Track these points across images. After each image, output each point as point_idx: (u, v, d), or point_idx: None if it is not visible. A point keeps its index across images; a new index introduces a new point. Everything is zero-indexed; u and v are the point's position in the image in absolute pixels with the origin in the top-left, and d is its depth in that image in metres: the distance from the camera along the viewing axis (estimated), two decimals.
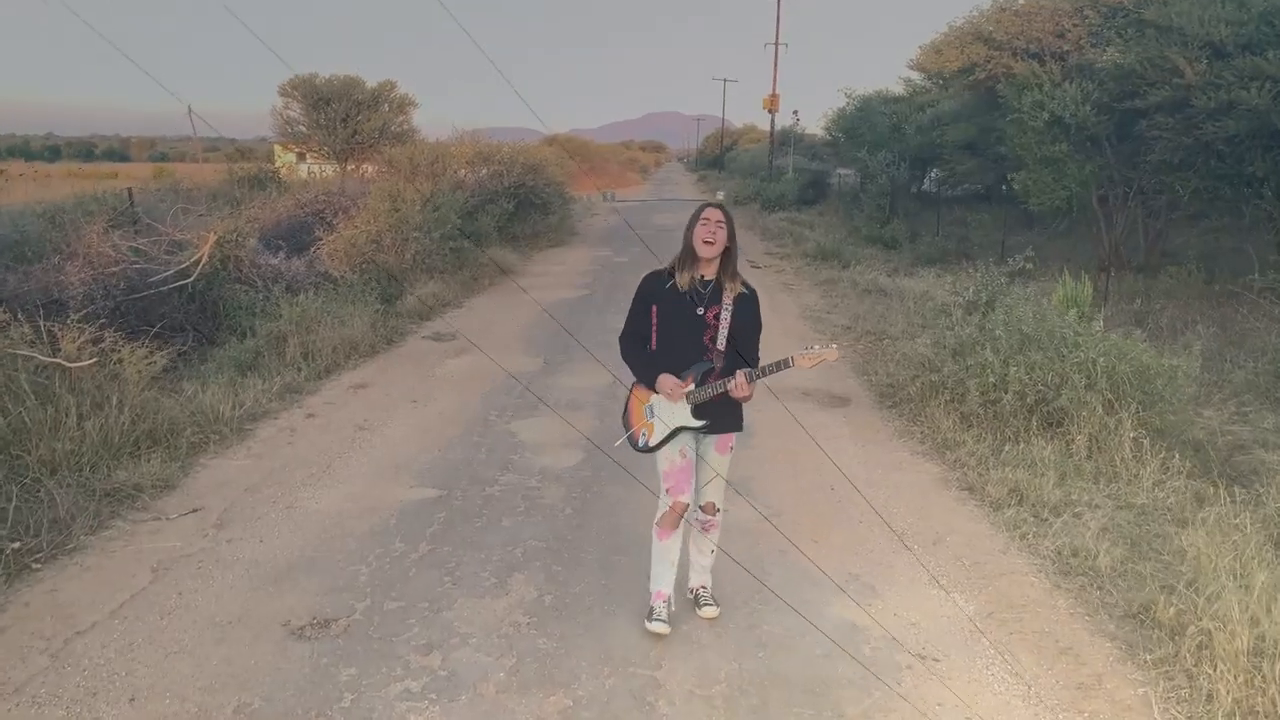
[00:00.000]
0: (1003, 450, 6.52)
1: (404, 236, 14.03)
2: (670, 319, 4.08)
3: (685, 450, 4.17)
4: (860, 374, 9.15)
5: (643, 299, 4.18)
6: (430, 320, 11.91)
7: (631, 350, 4.20)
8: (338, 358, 9.27)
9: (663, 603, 4.33)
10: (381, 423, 7.48)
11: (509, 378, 8.95)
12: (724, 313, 4.02)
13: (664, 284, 4.11)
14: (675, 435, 4.13)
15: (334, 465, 6.49)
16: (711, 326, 4.03)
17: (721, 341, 4.02)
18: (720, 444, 4.23)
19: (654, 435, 4.16)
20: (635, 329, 4.19)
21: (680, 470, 4.18)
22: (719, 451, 4.24)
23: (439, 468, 6.44)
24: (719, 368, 4.04)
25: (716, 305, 4.03)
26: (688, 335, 4.04)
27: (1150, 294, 13.23)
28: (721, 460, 4.25)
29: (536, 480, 6.20)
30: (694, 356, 4.03)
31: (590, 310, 12.89)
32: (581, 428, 7.37)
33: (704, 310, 4.03)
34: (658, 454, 4.22)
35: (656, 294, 4.12)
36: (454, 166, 20.55)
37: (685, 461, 4.18)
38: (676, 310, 4.06)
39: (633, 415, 4.30)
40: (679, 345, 4.06)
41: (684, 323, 4.05)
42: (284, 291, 11.26)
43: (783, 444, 6.99)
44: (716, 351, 4.03)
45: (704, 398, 4.03)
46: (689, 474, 4.20)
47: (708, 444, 4.23)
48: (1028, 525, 5.42)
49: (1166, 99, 13.61)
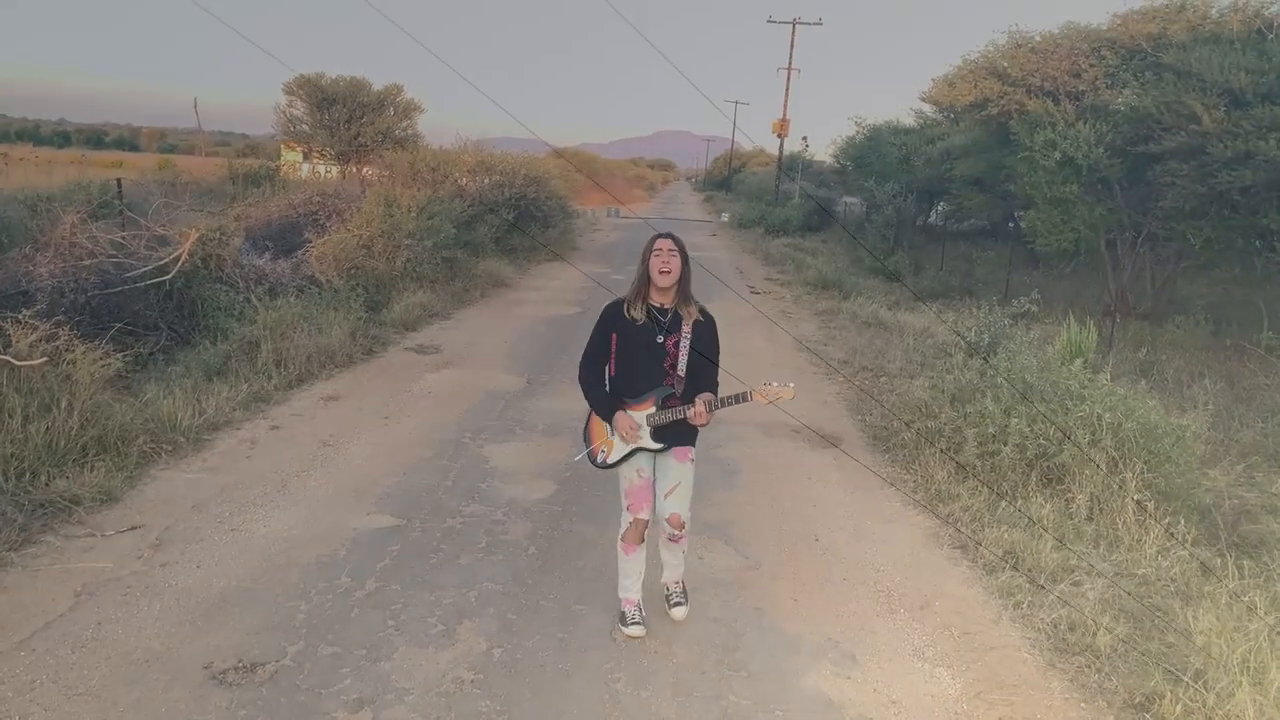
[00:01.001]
0: (999, 507, 6.15)
1: (396, 243, 13.71)
2: (631, 347, 4.20)
3: (642, 470, 4.34)
4: (854, 413, 8.78)
5: (603, 327, 4.31)
6: (415, 331, 11.55)
7: (590, 380, 4.37)
8: (312, 367, 8.90)
9: (634, 608, 4.50)
10: (348, 439, 7.11)
11: (488, 396, 8.60)
12: (683, 340, 4.17)
13: (624, 313, 4.24)
14: (633, 455, 4.32)
15: (290, 484, 6.11)
16: (671, 354, 4.18)
17: (682, 368, 4.17)
18: (679, 453, 4.34)
19: (613, 453, 4.35)
20: (595, 361, 4.36)
21: (638, 489, 4.35)
22: (678, 460, 4.34)
23: (401, 493, 6.06)
24: (679, 393, 4.19)
25: (676, 333, 4.18)
26: (649, 362, 4.19)
27: (1156, 343, 12.89)
28: (682, 468, 4.35)
29: (503, 513, 5.82)
30: (654, 382, 4.19)
31: (580, 328, 12.52)
32: (558, 457, 7.00)
33: (664, 338, 4.18)
34: (619, 472, 4.40)
35: (616, 322, 4.25)
36: (455, 174, 20.29)
37: (643, 481, 4.35)
38: (637, 338, 4.18)
39: (594, 432, 4.46)
40: (640, 371, 4.21)
41: (645, 350, 4.18)
42: (266, 294, 10.93)
43: (768, 486, 6.62)
44: (677, 377, 4.18)
45: (664, 421, 4.19)
46: (647, 492, 4.36)
47: (665, 455, 4.34)
48: (1023, 593, 5.05)
49: (1182, 145, 13.31)
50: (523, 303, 14.51)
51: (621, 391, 4.29)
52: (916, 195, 26.23)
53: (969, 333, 10.00)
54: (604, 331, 4.30)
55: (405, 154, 21.03)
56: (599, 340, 4.32)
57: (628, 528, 4.43)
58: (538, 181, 21.28)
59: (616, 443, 4.32)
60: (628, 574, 4.51)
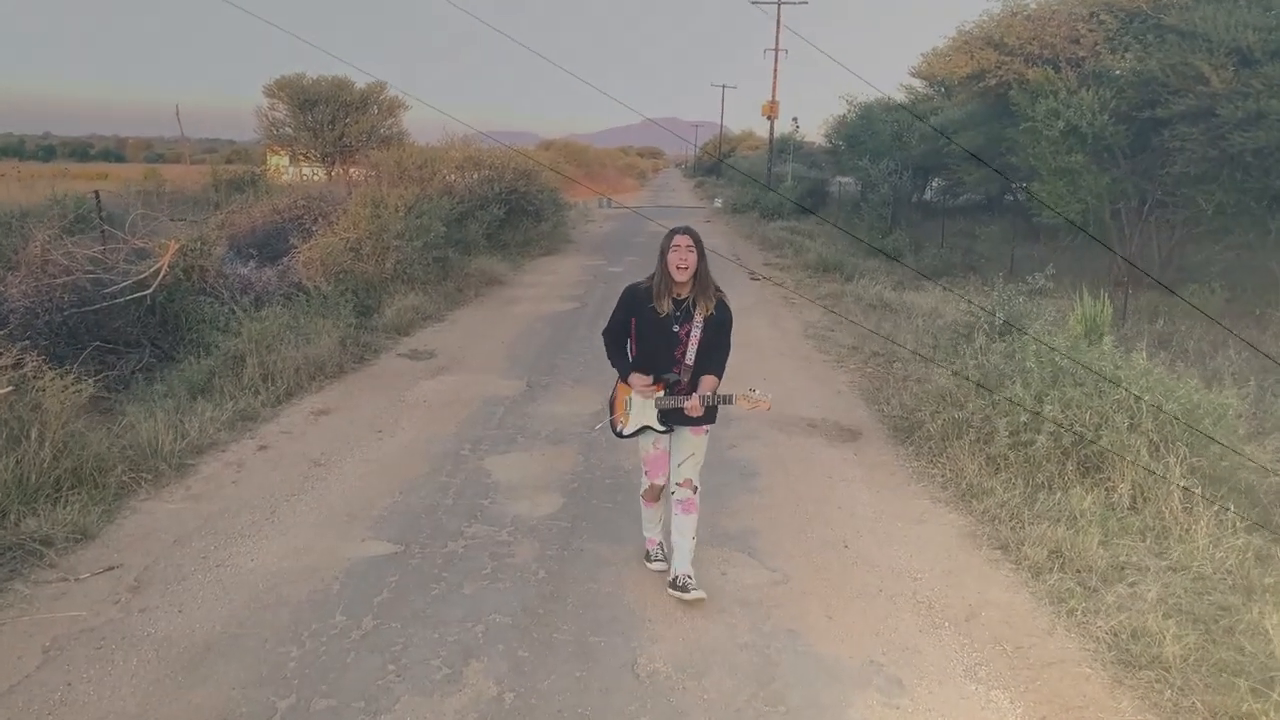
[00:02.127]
0: (1036, 500, 5.76)
1: (384, 245, 13.28)
2: (648, 331, 4.44)
3: (658, 442, 4.67)
4: (870, 403, 8.39)
5: (624, 309, 4.56)
6: (408, 335, 11.14)
7: (612, 346, 4.65)
8: (300, 379, 8.49)
9: (655, 547, 5.06)
10: (340, 457, 6.71)
11: (486, 403, 8.20)
12: (694, 330, 4.37)
13: (644, 299, 4.44)
14: (642, 432, 4.62)
15: (279, 510, 5.71)
16: (683, 342, 4.39)
17: (690, 357, 4.40)
18: (694, 429, 4.61)
19: (628, 426, 4.64)
20: (616, 328, 4.60)
21: (654, 458, 4.72)
22: (694, 434, 4.63)
23: (397, 516, 5.66)
24: (685, 381, 4.45)
25: (689, 323, 4.39)
26: (663, 348, 4.43)
27: (1172, 313, 12.50)
28: (696, 440, 4.65)
29: (508, 533, 5.42)
30: (665, 367, 4.44)
31: (580, 324, 12.13)
32: (564, 466, 6.61)
33: (678, 327, 4.39)
34: (638, 442, 4.74)
35: (636, 308, 4.48)
36: (443, 171, 19.84)
37: (658, 451, 4.69)
38: (654, 324, 4.41)
39: (617, 403, 4.72)
40: (654, 356, 4.45)
41: (660, 336, 4.41)
42: (252, 304, 10.52)
43: (789, 488, 6.23)
44: (684, 366, 4.41)
45: (667, 406, 4.47)
46: (663, 461, 4.70)
47: (682, 429, 4.61)
48: (1075, 597, 4.66)
49: (1190, 108, 12.91)
50: (518, 300, 14.09)
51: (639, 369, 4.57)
52: (912, 172, 25.80)
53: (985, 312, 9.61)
54: (624, 313, 4.55)
55: (391, 152, 20.60)
56: (620, 321, 4.58)
57: (645, 489, 4.86)
58: (528, 175, 20.83)
59: (632, 415, 4.59)
60: (648, 520, 5.04)
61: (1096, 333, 10.06)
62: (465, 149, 20.55)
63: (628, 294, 4.55)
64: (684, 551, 4.71)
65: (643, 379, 4.48)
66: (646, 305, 4.40)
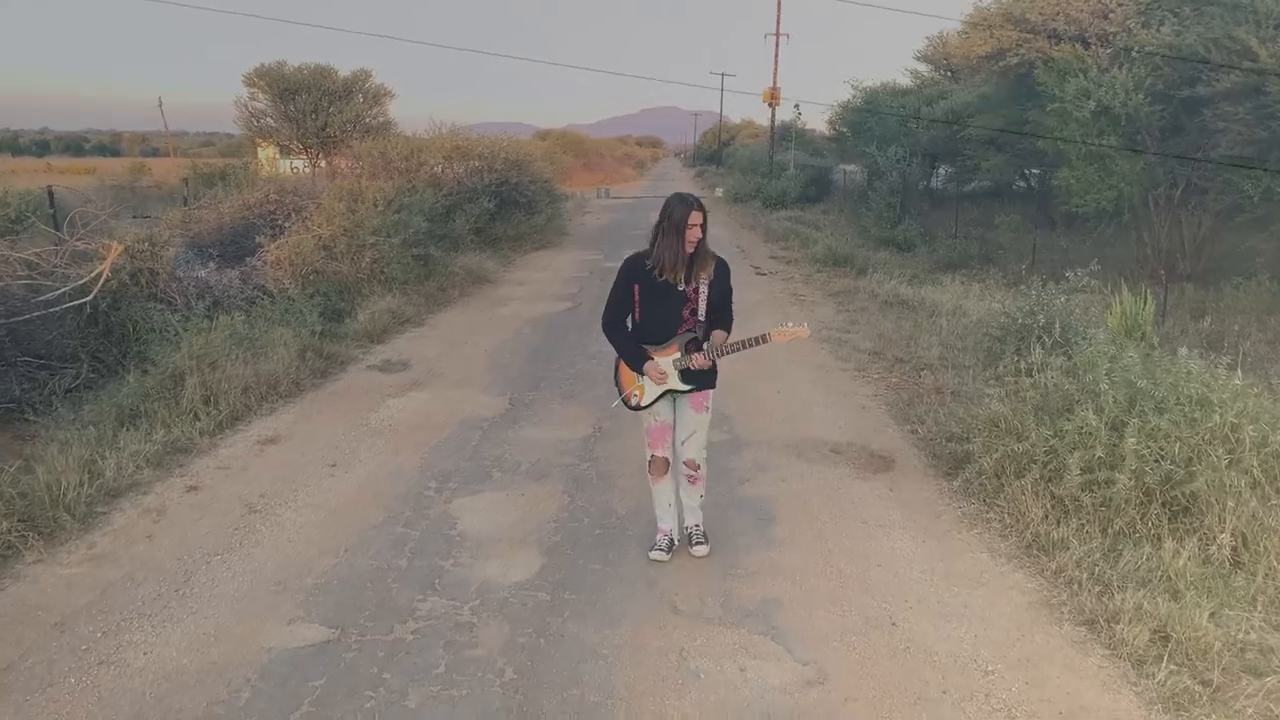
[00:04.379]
0: (1120, 555, 4.71)
1: (360, 242, 12.21)
2: (654, 297, 4.47)
3: (657, 413, 4.67)
4: (901, 421, 7.33)
5: (625, 281, 4.53)
6: (382, 343, 10.08)
7: (617, 335, 4.61)
8: (250, 400, 7.44)
9: (663, 537, 4.93)
10: (281, 501, 5.65)
11: (461, 426, 7.15)
12: (701, 286, 4.45)
13: (645, 267, 4.45)
14: (664, 396, 4.62)
15: (195, 577, 4.66)
16: (692, 300, 4.46)
17: (702, 312, 4.48)
18: (695, 402, 4.64)
19: (645, 396, 4.62)
20: (619, 313, 4.57)
21: (656, 430, 4.72)
22: (695, 410, 4.65)
23: (337, 584, 4.61)
24: (700, 335, 4.50)
25: (693, 281, 4.45)
26: (671, 309, 4.47)
27: (1219, 310, 11.45)
28: (698, 418, 4.67)
29: (471, 610, 4.36)
30: (675, 327, 4.49)
31: (571, 328, 11.07)
32: (545, 510, 5.55)
33: (684, 288, 4.44)
34: (640, 415, 4.74)
35: (638, 275, 4.48)
36: (430, 162, 18.77)
37: (659, 423, 4.70)
38: (660, 288, 4.44)
39: (624, 378, 4.69)
40: (662, 318, 4.48)
41: (667, 300, 4.45)
42: (208, 310, 9.48)
43: (816, 538, 5.17)
44: (698, 322, 4.49)
45: (688, 365, 4.47)
46: (665, 432, 4.72)
47: (683, 403, 4.66)
48: (1198, 703, 3.61)
49: (1236, 85, 11.83)
50: (506, 300, 13.02)
51: (646, 338, 4.54)
52: (920, 159, 24.73)
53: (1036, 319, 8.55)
54: (626, 285, 4.52)
55: (375, 143, 19.51)
56: (622, 294, 4.53)
57: (650, 462, 4.81)
58: (520, 165, 19.74)
59: (648, 386, 4.58)
60: (658, 504, 4.93)
61: (1138, 333, 9.04)
62: (453, 138, 19.45)
63: (628, 263, 4.55)
64: (693, 508, 4.93)
65: (657, 367, 4.50)
66: (649, 274, 4.43)
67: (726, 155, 62.99)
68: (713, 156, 72.45)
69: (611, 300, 4.57)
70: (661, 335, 4.50)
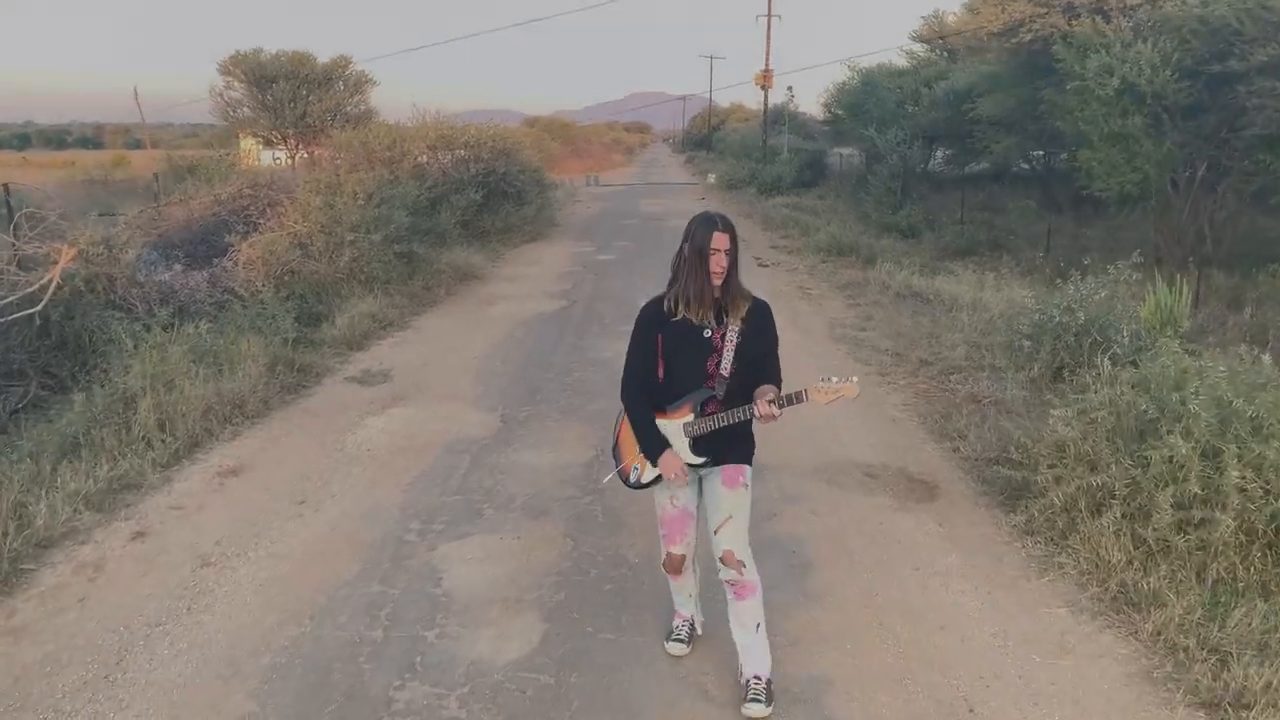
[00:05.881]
0: (1226, 613, 3.98)
1: (338, 240, 11.41)
2: (676, 345, 3.54)
3: (676, 497, 3.66)
4: (938, 437, 6.58)
5: (645, 329, 3.61)
6: (362, 350, 9.29)
7: (636, 406, 3.62)
8: (211, 424, 6.66)
9: (683, 623, 4.00)
10: (239, 550, 4.88)
11: (448, 451, 6.39)
12: (729, 333, 3.49)
13: (666, 314, 3.55)
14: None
15: (130, 658, 3.90)
16: (717, 350, 3.50)
17: (726, 367, 3.49)
18: (728, 477, 3.57)
19: (646, 471, 3.65)
20: (639, 368, 3.62)
21: (673, 519, 3.69)
22: (728, 486, 3.56)
23: (300, 665, 3.84)
24: (721, 395, 3.50)
25: (722, 326, 3.51)
26: (694, 360, 3.51)
27: (1261, 301, 10.71)
28: (734, 497, 3.55)
29: (459, 699, 3.59)
30: (697, 383, 3.52)
31: (568, 330, 10.30)
32: (545, 559, 4.79)
33: (710, 332, 3.50)
34: (653, 497, 3.76)
35: (659, 321, 3.56)
36: (414, 152, 17.96)
37: (676, 510, 3.67)
38: (682, 335, 3.52)
39: (623, 447, 3.76)
40: (684, 373, 3.54)
41: (689, 347, 3.52)
42: (174, 316, 8.68)
43: (862, 591, 4.42)
44: (720, 377, 3.50)
45: (705, 430, 3.50)
46: (683, 523, 3.69)
47: (712, 479, 3.61)
48: None
49: (1271, 59, 11.06)
50: (496, 299, 12.22)
51: (662, 399, 3.57)
52: (920, 142, 23.98)
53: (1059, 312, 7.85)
54: (647, 335, 3.59)
55: (356, 132, 18.68)
56: (644, 348, 3.60)
57: (664, 559, 3.82)
58: (507, 153, 18.91)
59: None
60: (677, 592, 3.98)
61: (1174, 326, 8.35)
62: (438, 127, 18.60)
63: (647, 309, 3.61)
64: (753, 649, 3.57)
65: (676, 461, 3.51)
66: (670, 319, 3.51)
67: (717, 140, 62.10)
68: (702, 141, 71.52)
69: (630, 357, 3.63)
70: (681, 391, 3.53)
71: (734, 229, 3.46)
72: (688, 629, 3.96)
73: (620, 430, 3.77)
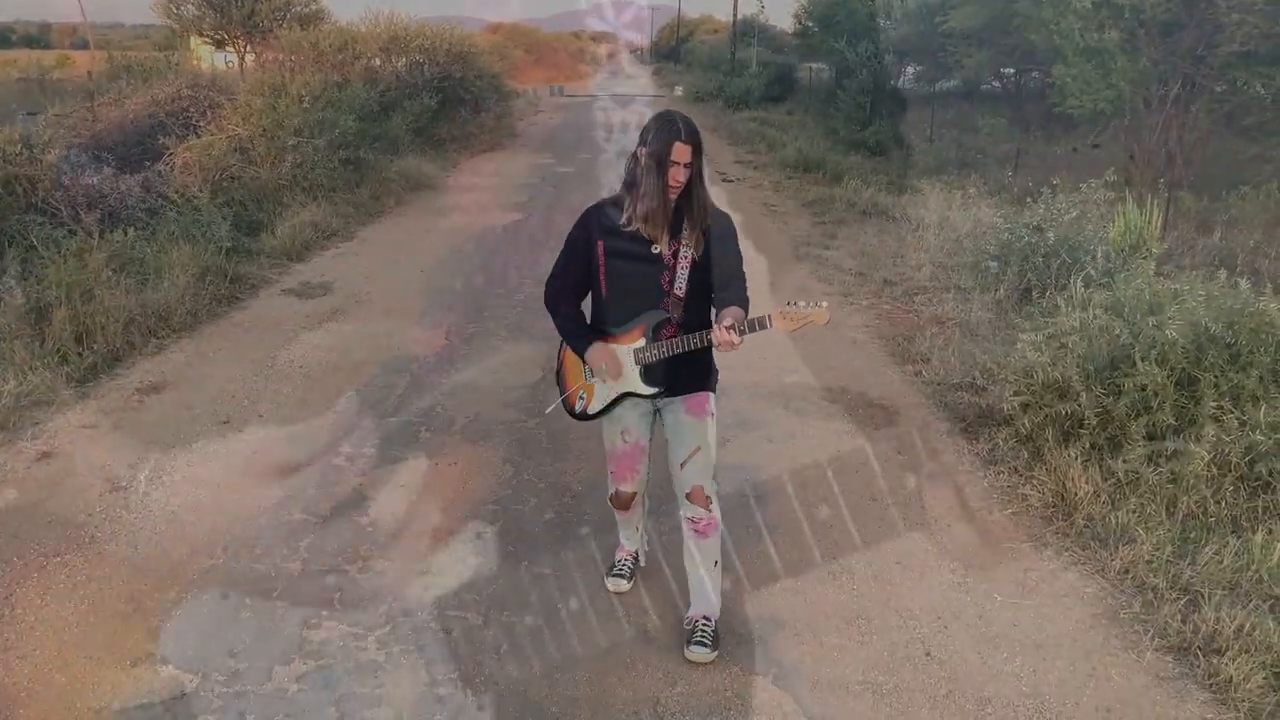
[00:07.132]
0: (1197, 549, 3.78)
1: (281, 144, 10.84)
2: (622, 261, 3.10)
3: (628, 432, 3.28)
4: (900, 359, 6.33)
5: (581, 238, 3.16)
6: (303, 261, 8.84)
7: (560, 311, 3.23)
8: (133, 336, 6.24)
9: (626, 557, 3.71)
10: (154, 474, 4.54)
11: (386, 369, 6.04)
12: (684, 249, 3.06)
13: (611, 217, 3.10)
14: (620, 402, 3.23)
15: (21, 593, 3.57)
16: (670, 268, 3.07)
17: (681, 286, 3.07)
18: (693, 405, 3.21)
19: (593, 401, 3.26)
20: (566, 280, 3.22)
21: (623, 454, 3.32)
22: (693, 415, 3.21)
23: (206, 601, 3.54)
24: (676, 318, 3.10)
25: (677, 240, 3.06)
26: (644, 279, 3.09)
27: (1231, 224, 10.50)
28: (700, 426, 3.20)
29: (378, 640, 3.31)
30: (648, 304, 3.10)
31: (521, 243, 9.89)
32: (482, 486, 4.50)
33: (659, 248, 3.06)
34: (601, 431, 3.38)
35: (606, 229, 3.10)
36: (367, 54, 17.20)
37: (627, 445, 3.30)
38: (630, 248, 3.07)
39: (569, 374, 3.36)
40: (632, 292, 3.11)
41: (640, 264, 3.08)
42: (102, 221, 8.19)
43: (816, 525, 4.18)
44: (674, 298, 3.08)
45: (656, 357, 3.10)
46: (634, 460, 3.32)
47: (674, 409, 3.24)
48: None
49: None
50: (448, 210, 11.74)
51: (608, 320, 3.18)
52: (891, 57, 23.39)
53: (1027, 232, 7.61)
54: (584, 244, 3.15)
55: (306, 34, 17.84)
56: (574, 255, 3.19)
57: (612, 494, 3.47)
58: (464, 58, 18.14)
59: (597, 387, 3.24)
60: (623, 525, 3.68)
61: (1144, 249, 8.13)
62: (390, 28, 17.78)
63: (586, 215, 3.19)
64: (705, 588, 3.30)
65: (606, 352, 3.13)
66: (617, 228, 3.08)
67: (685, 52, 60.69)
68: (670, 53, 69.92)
69: (559, 263, 3.22)
70: (628, 314, 3.11)
71: (698, 136, 3.00)
72: (630, 564, 3.69)
73: (564, 355, 3.38)
